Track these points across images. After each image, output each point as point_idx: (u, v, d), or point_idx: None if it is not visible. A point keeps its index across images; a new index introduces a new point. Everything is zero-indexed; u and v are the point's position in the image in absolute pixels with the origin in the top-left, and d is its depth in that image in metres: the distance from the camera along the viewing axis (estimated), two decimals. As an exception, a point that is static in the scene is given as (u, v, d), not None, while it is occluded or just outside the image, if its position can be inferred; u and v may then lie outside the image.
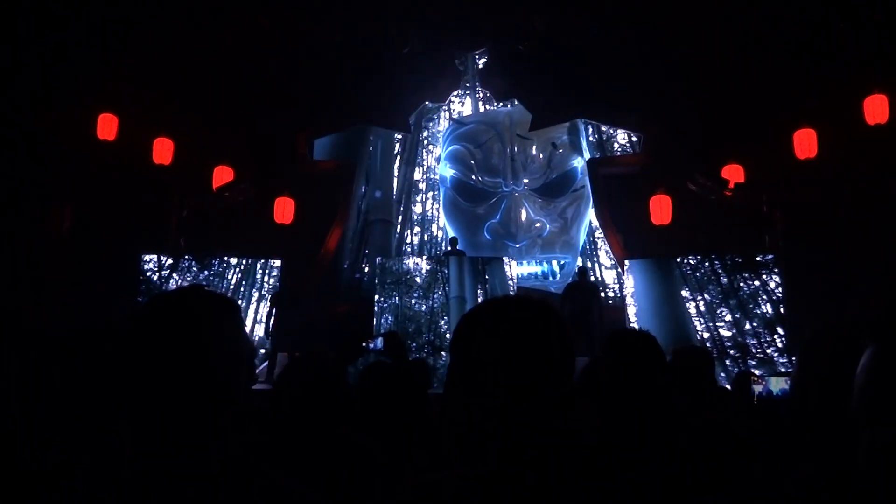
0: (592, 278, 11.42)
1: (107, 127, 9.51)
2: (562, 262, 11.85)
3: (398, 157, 13.22)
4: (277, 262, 10.49)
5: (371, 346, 2.59)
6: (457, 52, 12.45)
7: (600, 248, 12.22)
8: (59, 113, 9.43)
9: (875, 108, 8.57)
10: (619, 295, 11.22)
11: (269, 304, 9.68)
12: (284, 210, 10.26)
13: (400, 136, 13.03)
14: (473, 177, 11.73)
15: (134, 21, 10.02)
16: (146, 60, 10.12)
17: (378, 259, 10.79)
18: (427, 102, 12.59)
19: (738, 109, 9.90)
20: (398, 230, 12.81)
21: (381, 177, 12.71)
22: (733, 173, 9.66)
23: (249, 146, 10.69)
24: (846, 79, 8.90)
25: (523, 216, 11.37)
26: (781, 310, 9.17)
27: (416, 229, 12.96)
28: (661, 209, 9.85)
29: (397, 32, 11.16)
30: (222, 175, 10.25)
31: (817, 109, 9.07)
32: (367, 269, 12.16)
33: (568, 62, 10.97)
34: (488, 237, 11.38)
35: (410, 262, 10.49)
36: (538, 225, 11.44)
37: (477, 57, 12.94)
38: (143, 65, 10.10)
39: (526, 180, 11.55)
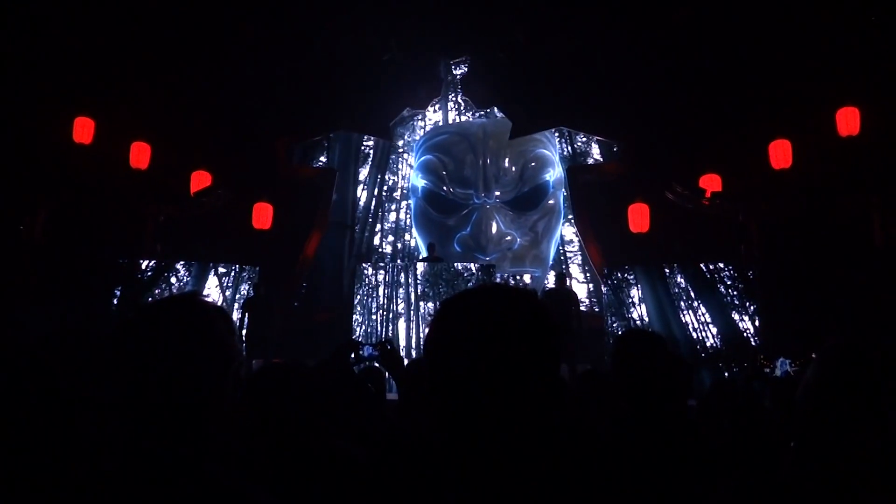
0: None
1: (83, 130, 9.39)
2: (532, 276, 11.76)
3: (370, 162, 13.11)
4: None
5: (364, 353, 2.58)
6: (438, 60, 12.49)
7: (572, 262, 12.21)
8: (35, 116, 9.29)
9: (847, 121, 8.78)
10: (595, 308, 11.29)
11: (240, 310, 9.47)
12: (263, 216, 10.20)
13: (370, 142, 12.96)
14: (445, 188, 11.50)
15: (110, 24, 9.92)
16: (123, 64, 10.02)
17: (361, 265, 10.76)
18: (408, 109, 12.60)
19: (715, 120, 10.05)
20: (369, 237, 12.74)
21: (340, 179, 12.31)
22: (710, 183, 9.82)
23: (228, 151, 10.61)
24: (819, 92, 9.08)
25: (494, 229, 11.11)
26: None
27: (390, 238, 12.85)
28: (639, 218, 9.95)
29: (378, 39, 11.17)
30: (200, 180, 10.17)
31: (792, 121, 9.26)
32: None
33: (548, 71, 11.06)
34: (458, 249, 11.11)
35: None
36: (508, 238, 11.21)
37: (458, 65, 12.99)
38: (120, 68, 10.00)
39: (497, 193, 11.35)
